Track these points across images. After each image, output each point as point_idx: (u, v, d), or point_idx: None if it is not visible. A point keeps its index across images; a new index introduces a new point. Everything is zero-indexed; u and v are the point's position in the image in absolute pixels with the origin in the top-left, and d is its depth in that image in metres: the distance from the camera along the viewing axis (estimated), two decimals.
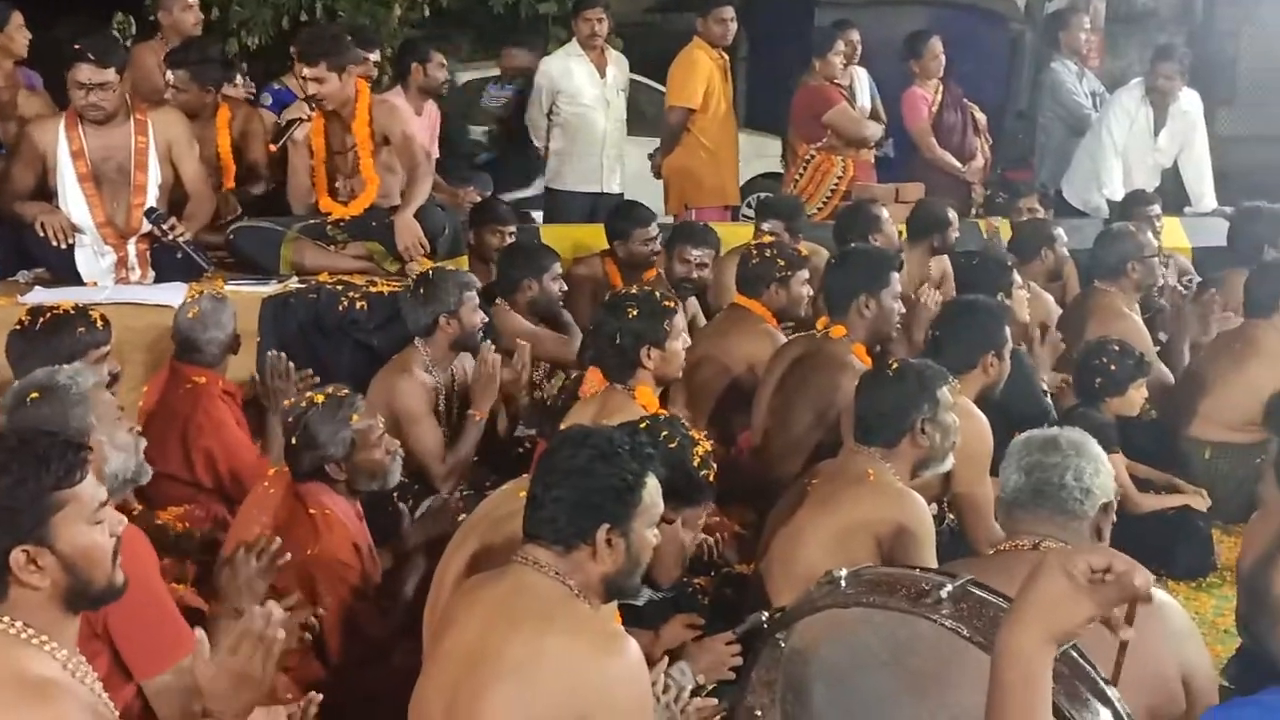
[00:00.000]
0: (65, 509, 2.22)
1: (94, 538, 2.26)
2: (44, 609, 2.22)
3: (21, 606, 2.21)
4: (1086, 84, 8.66)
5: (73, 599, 2.25)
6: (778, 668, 2.24)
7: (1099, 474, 2.96)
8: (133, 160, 5.21)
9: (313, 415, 3.70)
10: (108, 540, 2.28)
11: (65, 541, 2.22)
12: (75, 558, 2.22)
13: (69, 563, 2.22)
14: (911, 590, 1.91)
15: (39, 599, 2.21)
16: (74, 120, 5.16)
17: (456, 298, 4.78)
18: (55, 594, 2.22)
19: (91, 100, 5.05)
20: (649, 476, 2.72)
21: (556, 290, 5.56)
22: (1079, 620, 1.69)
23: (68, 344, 3.97)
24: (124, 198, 5.23)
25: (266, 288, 5.31)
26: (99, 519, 2.27)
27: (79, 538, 2.23)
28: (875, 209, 6.21)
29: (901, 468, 3.71)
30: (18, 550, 2.18)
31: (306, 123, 5.70)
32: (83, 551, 2.24)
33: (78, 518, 2.23)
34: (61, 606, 2.24)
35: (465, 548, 3.34)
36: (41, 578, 2.20)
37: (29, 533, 2.19)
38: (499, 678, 2.55)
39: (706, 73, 7.63)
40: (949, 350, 4.39)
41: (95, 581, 2.26)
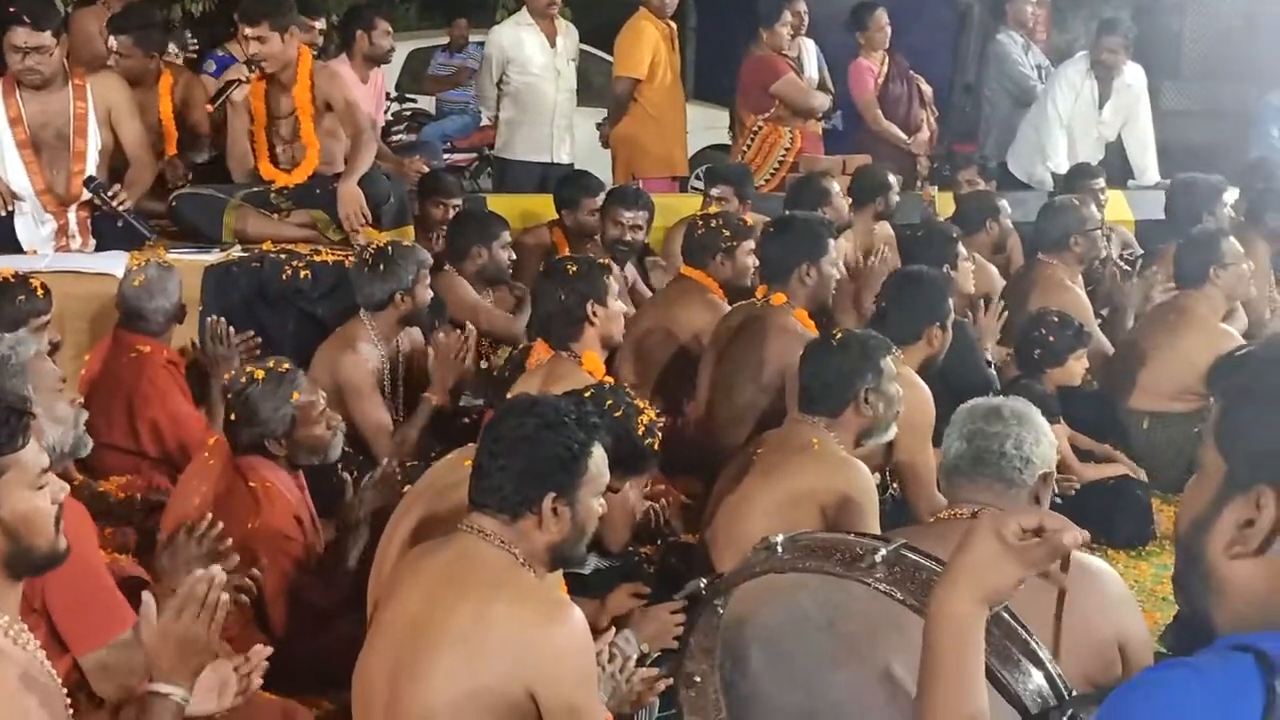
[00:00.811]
0: (6, 475, 2.20)
1: (36, 503, 2.23)
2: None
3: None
4: (1032, 57, 8.72)
5: (14, 565, 2.23)
6: (716, 634, 2.25)
7: (1039, 444, 2.99)
8: (72, 126, 5.15)
9: (254, 391, 3.68)
10: (50, 506, 2.26)
11: (7, 508, 2.20)
12: (17, 524, 2.21)
13: (10, 529, 2.20)
14: (846, 555, 1.93)
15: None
16: (11, 86, 5.09)
17: (413, 275, 4.76)
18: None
19: (28, 64, 4.99)
20: (595, 446, 2.73)
21: (505, 258, 5.56)
22: (1010, 581, 1.71)
23: (8, 312, 3.96)
24: (63, 164, 5.17)
25: (209, 256, 5.27)
26: (41, 484, 2.25)
27: (20, 504, 2.21)
28: (825, 182, 6.23)
29: (845, 437, 3.74)
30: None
31: (245, 85, 5.63)
32: (24, 517, 2.21)
33: (19, 484, 2.21)
34: (3, 573, 2.22)
35: (409, 517, 3.34)
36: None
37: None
38: (443, 646, 2.56)
39: (652, 42, 7.61)
40: (894, 321, 4.42)
41: (37, 548, 2.24)
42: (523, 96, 7.64)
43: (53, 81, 5.10)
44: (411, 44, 10.43)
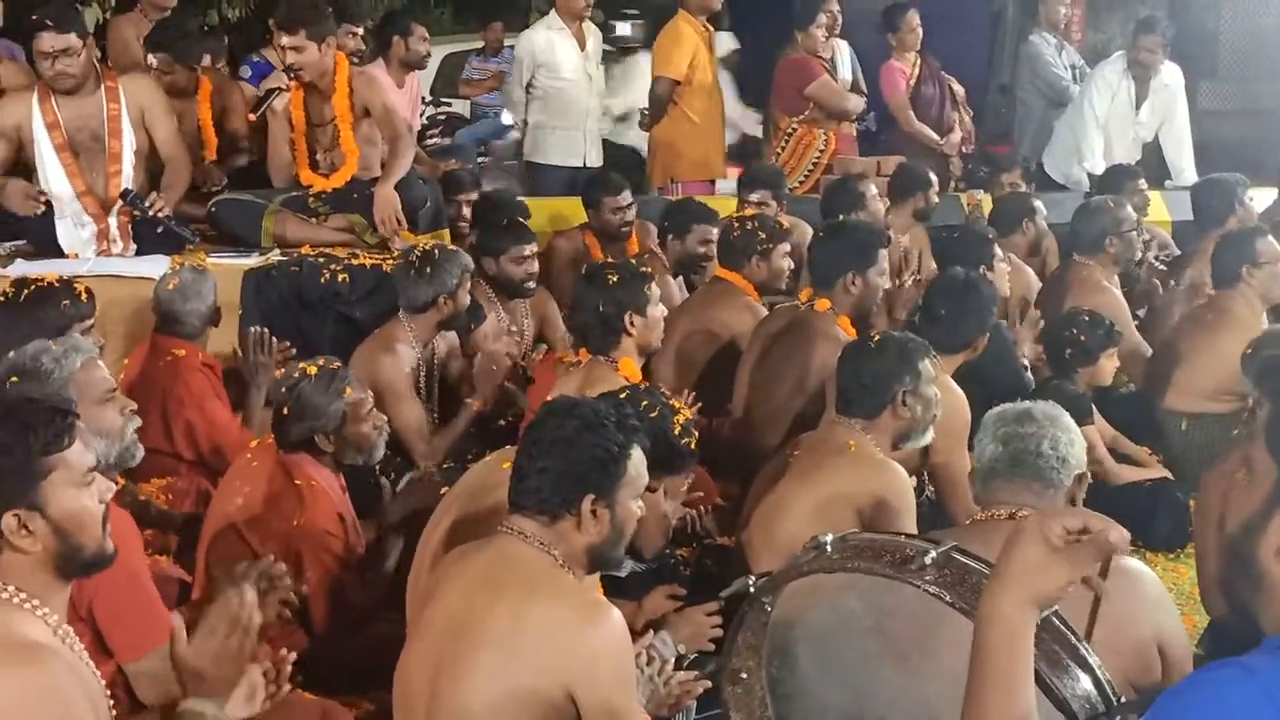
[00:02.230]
0: (54, 473, 2.23)
1: (84, 502, 2.27)
2: (35, 574, 2.23)
3: (13, 571, 2.22)
4: (1066, 57, 8.67)
5: (63, 564, 2.26)
6: (763, 632, 2.26)
7: (1074, 445, 3.00)
8: (106, 128, 5.18)
9: (306, 386, 3.72)
10: (97, 506, 2.29)
11: (56, 506, 2.23)
12: (65, 522, 2.24)
13: (60, 527, 2.23)
14: (896, 556, 1.93)
15: (30, 564, 2.23)
16: (46, 92, 5.13)
17: (456, 279, 4.79)
18: (46, 559, 2.24)
19: (58, 68, 5.02)
20: (634, 447, 2.74)
21: (521, 272, 5.49)
22: (1059, 584, 1.71)
23: (53, 317, 3.96)
24: (101, 166, 5.20)
25: (248, 260, 5.30)
26: (88, 482, 2.28)
27: (69, 502, 2.25)
28: (860, 185, 6.20)
29: (882, 439, 3.73)
30: (9, 515, 2.20)
31: (285, 93, 5.66)
32: (73, 516, 2.25)
33: (67, 482, 2.25)
34: (52, 572, 2.25)
35: (448, 519, 3.35)
36: (32, 542, 2.21)
37: (19, 497, 2.21)
38: (483, 647, 2.57)
39: (692, 44, 7.60)
40: (949, 327, 4.43)
41: (86, 546, 2.28)
42: (555, 101, 7.63)
43: (85, 84, 5.13)
44: (446, 48, 10.46)
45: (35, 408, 2.28)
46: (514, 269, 5.44)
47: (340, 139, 5.60)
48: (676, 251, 6.00)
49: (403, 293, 4.83)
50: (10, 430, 2.22)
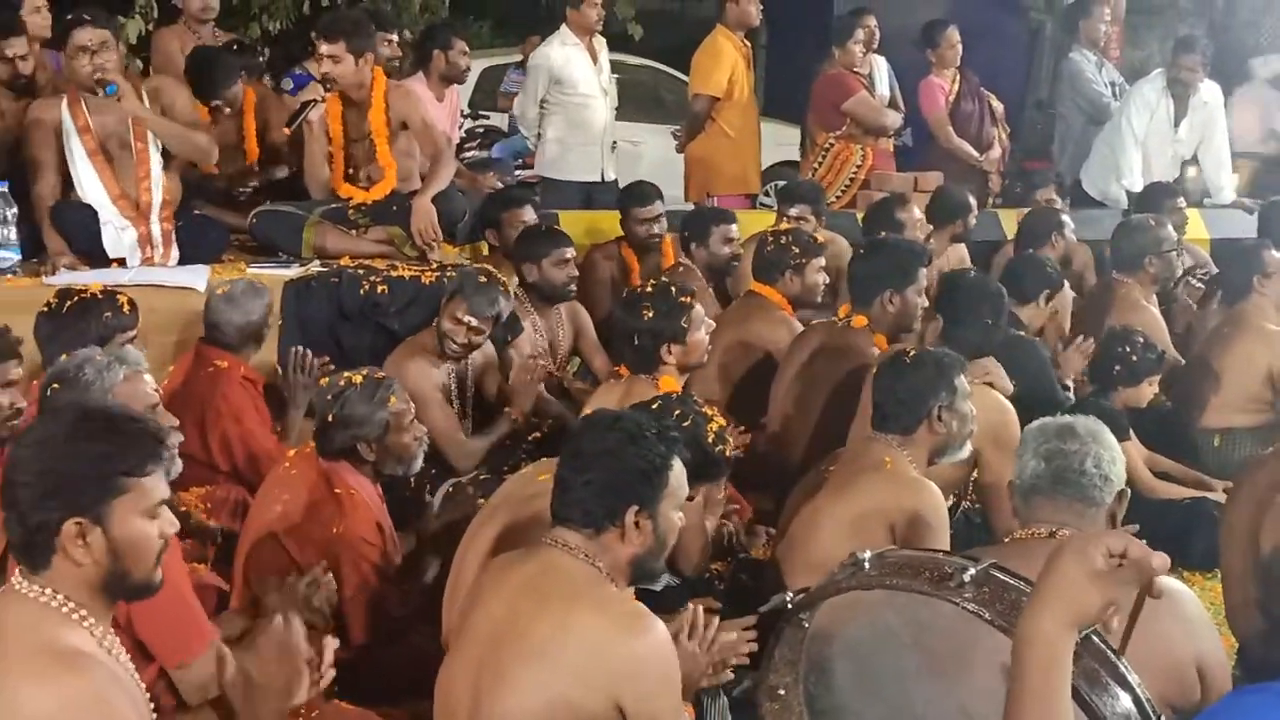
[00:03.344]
0: (128, 495, 2.26)
1: (146, 531, 2.29)
2: (82, 589, 2.26)
3: (62, 580, 2.25)
4: (1106, 74, 8.64)
5: (110, 586, 2.28)
6: (801, 647, 2.26)
7: (1116, 462, 2.98)
8: (131, 131, 5.19)
9: (351, 394, 3.75)
10: (157, 539, 2.32)
11: (118, 526, 2.25)
12: (123, 545, 2.26)
13: (115, 548, 2.25)
14: (935, 573, 1.93)
15: (79, 577, 2.25)
16: (75, 96, 5.15)
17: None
18: (95, 576, 2.26)
19: (97, 63, 5.03)
20: (675, 459, 2.76)
21: (563, 276, 5.51)
22: (1099, 604, 1.71)
23: (94, 328, 4.00)
24: (131, 170, 5.22)
25: (288, 271, 5.34)
26: (156, 515, 2.31)
27: (132, 527, 2.27)
28: (901, 212, 6.16)
29: (919, 455, 3.73)
30: (71, 521, 2.22)
31: (321, 104, 5.71)
32: (131, 542, 2.27)
33: (136, 508, 2.27)
34: (98, 591, 2.28)
35: (485, 531, 3.38)
36: (85, 554, 2.23)
37: (87, 507, 2.23)
38: (526, 657, 2.59)
39: (731, 60, 7.62)
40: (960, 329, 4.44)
41: (135, 574, 2.29)
42: (573, 116, 7.59)
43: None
44: (485, 61, 10.54)
45: (132, 427, 2.32)
46: (556, 273, 5.47)
47: (377, 154, 5.65)
48: (703, 258, 6.02)
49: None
50: (100, 440, 2.26)
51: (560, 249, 5.50)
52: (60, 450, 2.25)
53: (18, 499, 2.24)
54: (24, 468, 2.25)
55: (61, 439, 2.26)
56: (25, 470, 2.25)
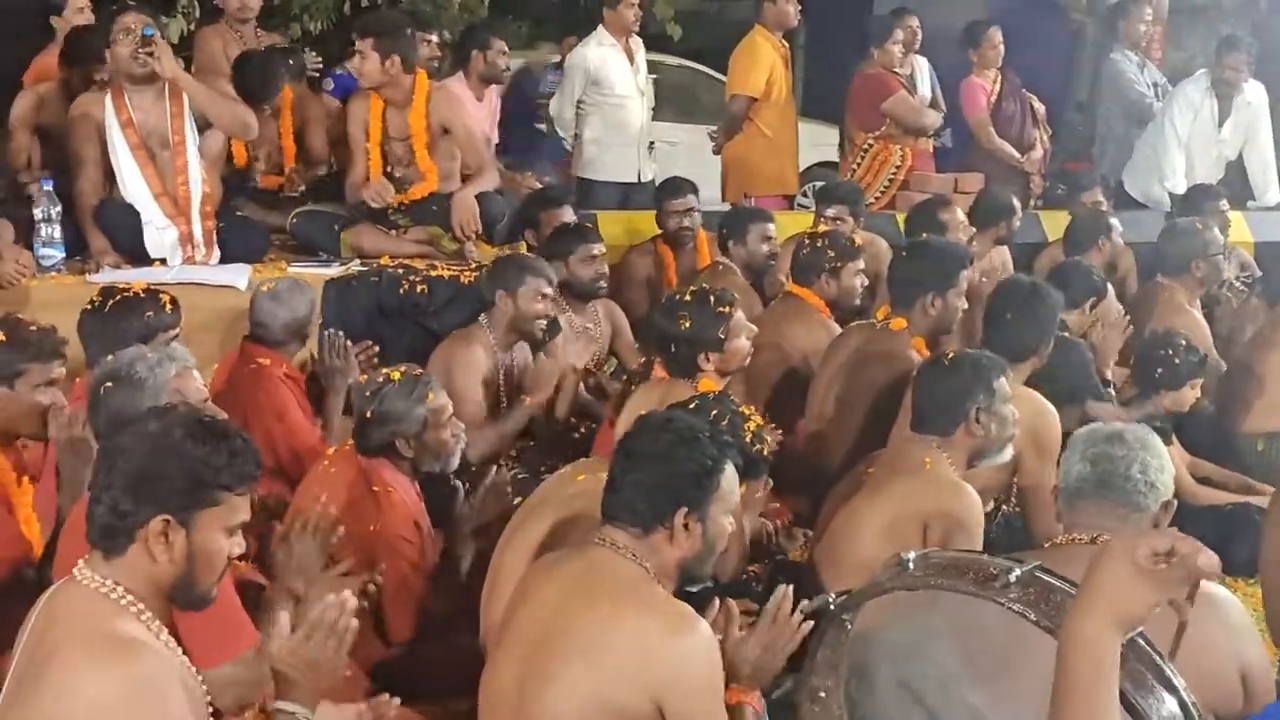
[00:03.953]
0: (218, 508, 2.31)
1: (222, 546, 2.34)
2: (146, 585, 2.29)
3: (131, 573, 2.28)
4: (1148, 75, 8.57)
5: (175, 589, 2.32)
6: (843, 649, 2.26)
7: (1163, 471, 2.97)
8: (169, 126, 5.21)
9: (389, 390, 3.77)
10: (225, 557, 2.36)
11: (201, 535, 2.30)
12: (199, 554, 2.30)
13: (192, 555, 2.29)
14: (980, 574, 1.92)
15: (149, 573, 2.28)
16: (118, 89, 5.17)
17: (518, 280, 4.85)
18: (165, 576, 2.29)
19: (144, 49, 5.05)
20: (727, 463, 2.76)
21: (590, 273, 5.51)
22: (1145, 606, 1.70)
23: (136, 327, 4.00)
24: (170, 167, 5.24)
25: (329, 270, 5.38)
26: (232, 534, 2.35)
27: (212, 540, 2.32)
28: (944, 214, 6.11)
29: (957, 457, 3.71)
30: (160, 518, 2.26)
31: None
32: (207, 553, 2.32)
33: (221, 522, 2.32)
34: (162, 592, 2.31)
35: (524, 530, 3.38)
36: (164, 553, 2.27)
37: (179, 509, 2.27)
38: (572, 655, 2.59)
39: (769, 61, 7.61)
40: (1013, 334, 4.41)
41: (199, 584, 2.33)
42: (610, 117, 7.59)
43: (154, 80, 5.16)
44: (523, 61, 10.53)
45: (239, 444, 2.35)
46: (583, 270, 5.47)
47: (416, 157, 5.68)
48: (741, 256, 6.01)
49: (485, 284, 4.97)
50: (209, 449, 2.30)
51: (586, 245, 5.50)
52: (168, 447, 2.29)
53: (113, 483, 2.28)
54: (128, 455, 2.29)
55: (172, 437, 2.30)
56: (129, 458, 2.29)
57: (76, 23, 6.43)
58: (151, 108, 5.20)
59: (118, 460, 2.30)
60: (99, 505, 2.29)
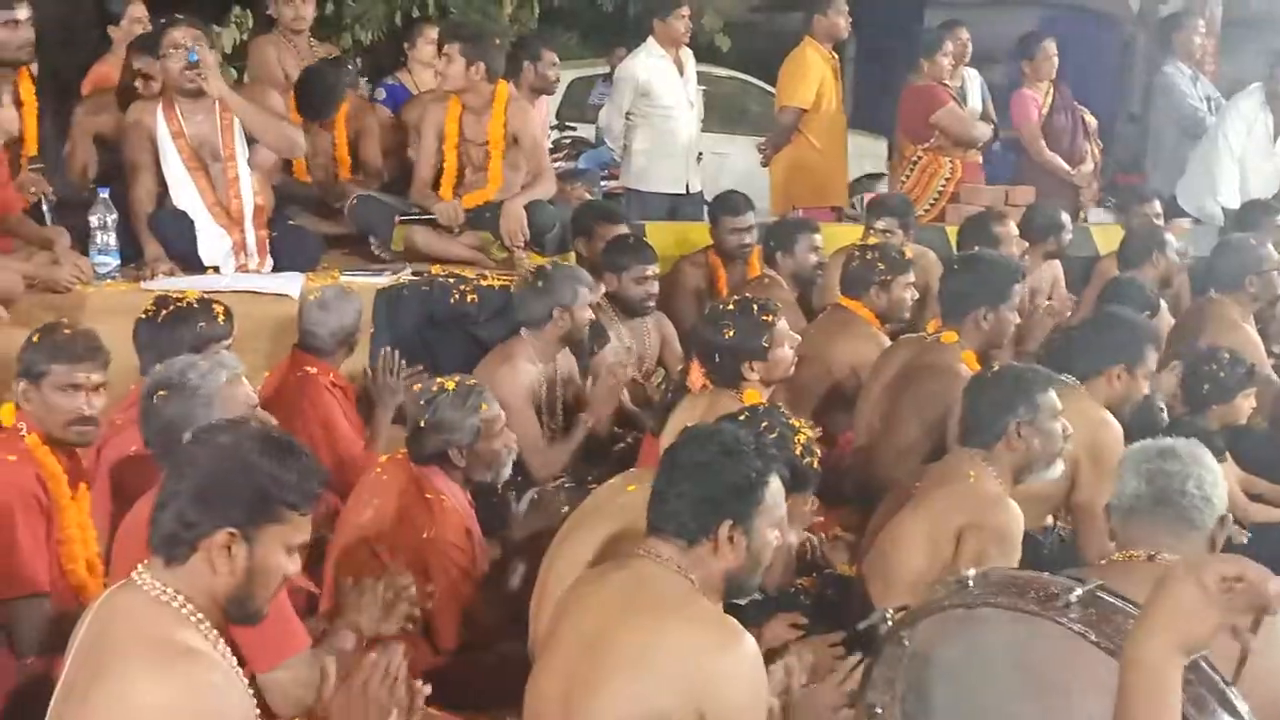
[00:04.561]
0: (283, 526, 2.33)
1: (282, 564, 2.35)
2: (205, 595, 2.31)
3: (191, 582, 2.30)
4: (1201, 88, 8.49)
5: (231, 602, 2.33)
6: (899, 666, 2.24)
7: (1218, 485, 2.94)
8: (220, 139, 5.25)
9: (443, 400, 3.80)
10: (283, 576, 2.38)
11: (263, 551, 2.32)
12: (259, 570, 2.32)
13: (253, 570, 2.31)
14: (1040, 593, 1.91)
15: (209, 584, 2.30)
16: (170, 102, 5.22)
17: (572, 293, 4.84)
18: (223, 588, 2.31)
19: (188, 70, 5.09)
20: (772, 475, 2.75)
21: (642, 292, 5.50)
22: (1209, 629, 1.68)
23: (189, 337, 4.02)
24: (222, 178, 5.27)
25: (380, 279, 5.41)
26: (292, 554, 2.37)
27: (273, 557, 2.33)
28: (998, 227, 6.07)
29: (1003, 471, 3.68)
30: (225, 531, 2.28)
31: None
32: (267, 569, 2.34)
33: (283, 539, 2.34)
34: (218, 603, 2.33)
35: (573, 541, 3.39)
36: (226, 565, 2.29)
37: (245, 523, 2.29)
38: (617, 667, 2.59)
39: (819, 73, 7.61)
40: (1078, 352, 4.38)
41: (255, 599, 2.35)
42: (660, 128, 7.60)
43: (204, 94, 5.19)
44: (573, 73, 10.58)
45: (309, 464, 2.38)
46: (634, 288, 5.47)
47: (489, 163, 5.74)
48: (789, 267, 5.98)
49: (521, 308, 4.91)
50: (279, 466, 2.32)
51: (642, 265, 5.48)
52: (239, 461, 2.31)
53: (181, 492, 2.30)
54: (199, 465, 2.32)
55: (243, 451, 2.32)
56: (199, 468, 2.32)
57: (134, 32, 6.52)
58: (203, 120, 5.25)
59: (188, 469, 2.32)
60: (165, 512, 2.31)
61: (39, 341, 3.56)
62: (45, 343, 3.55)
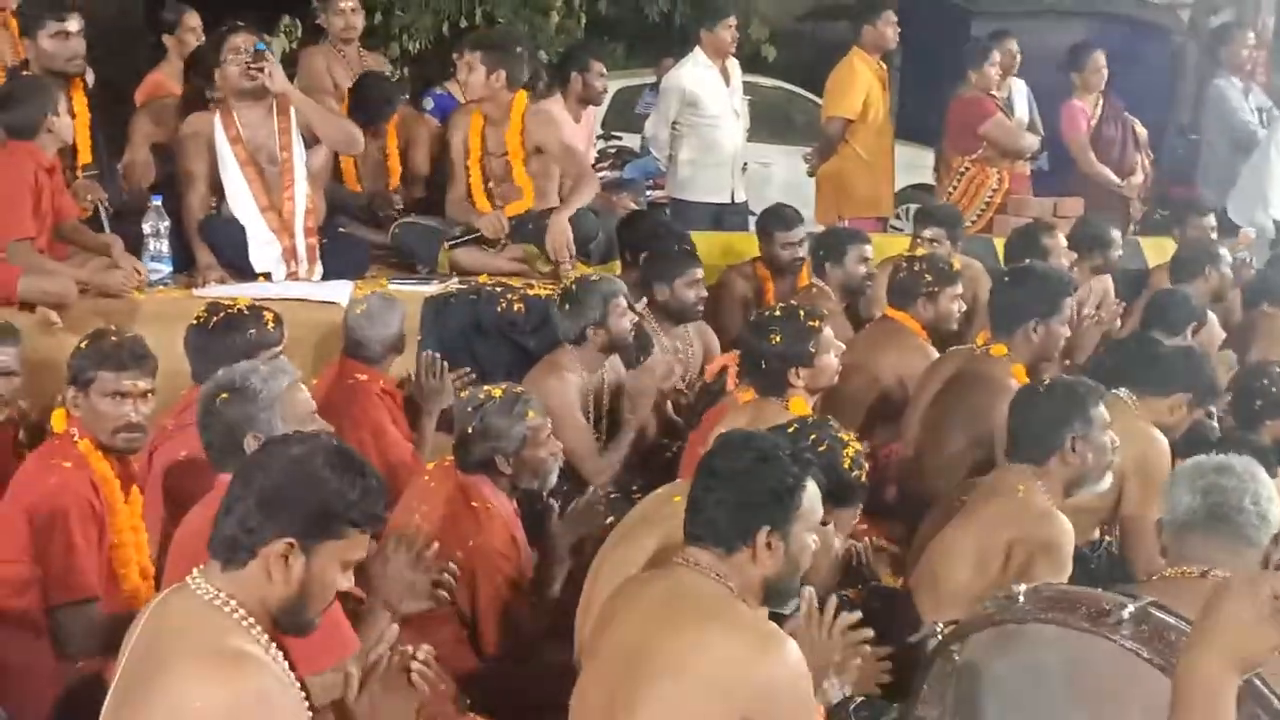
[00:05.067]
0: (342, 542, 2.34)
1: (336, 580, 2.37)
2: (258, 602, 2.33)
3: (246, 587, 2.32)
4: (1253, 100, 8.42)
5: (283, 611, 2.35)
6: (949, 680, 2.23)
7: (1274, 502, 2.90)
8: (277, 142, 5.29)
9: (490, 407, 3.81)
10: (334, 590, 2.39)
11: (320, 565, 2.33)
12: (314, 583, 2.34)
13: (308, 582, 2.33)
14: (1092, 609, 1.90)
15: (263, 591, 2.32)
16: (228, 109, 5.26)
17: (601, 309, 4.84)
18: (276, 597, 2.33)
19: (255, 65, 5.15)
20: (808, 480, 2.75)
21: (692, 297, 5.50)
22: (1266, 647, 1.66)
23: (240, 344, 4.03)
24: (277, 183, 5.32)
25: (428, 288, 5.44)
26: (347, 570, 2.39)
27: (329, 572, 2.35)
28: (1047, 238, 6.03)
29: (1054, 486, 3.66)
30: (285, 540, 2.30)
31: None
32: (322, 584, 2.35)
33: (340, 555, 2.35)
34: (270, 611, 2.35)
35: (619, 551, 3.40)
36: (281, 574, 2.31)
37: (305, 535, 2.31)
38: (659, 676, 2.59)
39: (866, 83, 7.60)
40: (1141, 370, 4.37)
41: (306, 611, 2.37)
42: (706, 138, 7.60)
43: (263, 96, 5.25)
44: (619, 83, 10.58)
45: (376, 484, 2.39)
46: (687, 293, 5.47)
47: (512, 173, 5.74)
48: (838, 278, 5.95)
49: (558, 327, 4.95)
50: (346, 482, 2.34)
51: (692, 269, 5.50)
52: (307, 473, 2.33)
53: (246, 497, 2.33)
54: (267, 473, 2.34)
55: (312, 464, 2.34)
56: (267, 476, 2.34)
57: (188, 41, 6.60)
58: (260, 124, 5.30)
59: (256, 476, 2.34)
60: (228, 516, 2.34)
61: (87, 348, 3.60)
62: (93, 349, 3.59)
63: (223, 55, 5.24)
